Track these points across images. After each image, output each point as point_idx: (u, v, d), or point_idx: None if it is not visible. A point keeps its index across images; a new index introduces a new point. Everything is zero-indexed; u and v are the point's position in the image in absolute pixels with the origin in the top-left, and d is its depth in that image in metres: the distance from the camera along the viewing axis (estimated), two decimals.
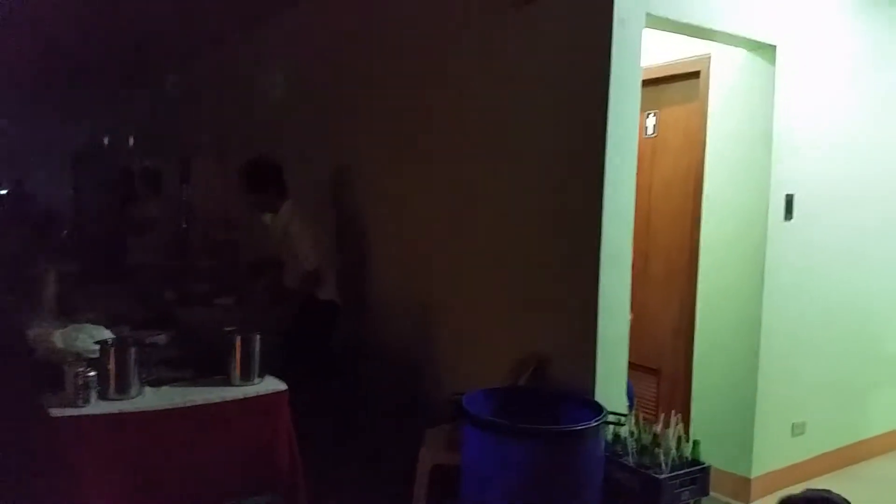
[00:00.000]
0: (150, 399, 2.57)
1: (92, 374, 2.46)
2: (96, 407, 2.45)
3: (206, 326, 3.72)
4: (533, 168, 3.17)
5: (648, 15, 2.83)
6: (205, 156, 6.84)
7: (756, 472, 3.52)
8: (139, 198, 6.25)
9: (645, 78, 2.98)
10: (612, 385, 2.93)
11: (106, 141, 10.83)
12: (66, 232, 7.45)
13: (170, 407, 2.54)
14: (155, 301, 4.40)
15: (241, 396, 2.68)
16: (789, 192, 3.50)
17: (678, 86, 3.86)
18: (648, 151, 3.97)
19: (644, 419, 2.91)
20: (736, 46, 3.42)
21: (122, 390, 2.53)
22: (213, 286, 4.72)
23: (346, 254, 4.49)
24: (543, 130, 3.12)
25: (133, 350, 2.58)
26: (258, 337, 2.78)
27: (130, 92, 9.05)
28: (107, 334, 2.84)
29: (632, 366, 3.13)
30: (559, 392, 2.85)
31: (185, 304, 4.44)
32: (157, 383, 2.70)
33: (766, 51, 3.37)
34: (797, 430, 3.69)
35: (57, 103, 10.83)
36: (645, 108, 3.46)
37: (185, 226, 6.23)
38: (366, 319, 4.27)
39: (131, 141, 9.47)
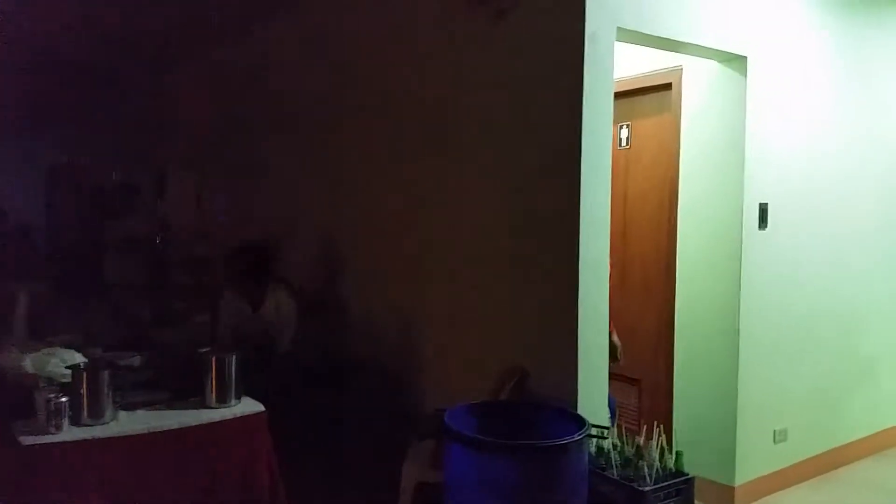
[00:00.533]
0: (125, 424, 2.53)
1: (64, 399, 2.41)
2: (69, 433, 2.40)
3: (181, 346, 3.67)
4: (510, 181, 3.17)
5: (619, 29, 2.85)
6: (181, 170, 6.76)
7: (739, 479, 3.53)
8: (114, 213, 6.17)
9: (617, 90, 3.00)
10: (594, 397, 2.93)
11: (80, 154, 10.66)
12: (38, 248, 7.31)
13: (145, 432, 2.50)
14: (129, 320, 4.34)
15: (218, 419, 2.64)
16: (763, 202, 3.53)
17: (651, 97, 3.89)
18: (622, 163, 4.00)
19: (627, 430, 2.91)
20: (707, 58, 3.46)
21: (96, 415, 2.48)
22: (190, 304, 4.67)
23: (325, 267, 4.45)
24: (519, 143, 3.12)
25: (106, 374, 2.54)
26: (234, 357, 2.74)
27: (106, 104, 8.93)
28: (79, 358, 2.79)
29: (612, 376, 3.13)
30: (541, 405, 2.84)
31: (161, 323, 4.39)
32: (131, 407, 2.65)
33: (737, 62, 3.41)
34: (779, 436, 3.71)
35: (29, 115, 10.66)
36: (618, 120, 3.48)
37: (160, 242, 6.13)
38: (347, 333, 4.23)
39: (106, 155, 9.32)
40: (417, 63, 3.73)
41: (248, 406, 2.73)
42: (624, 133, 4.05)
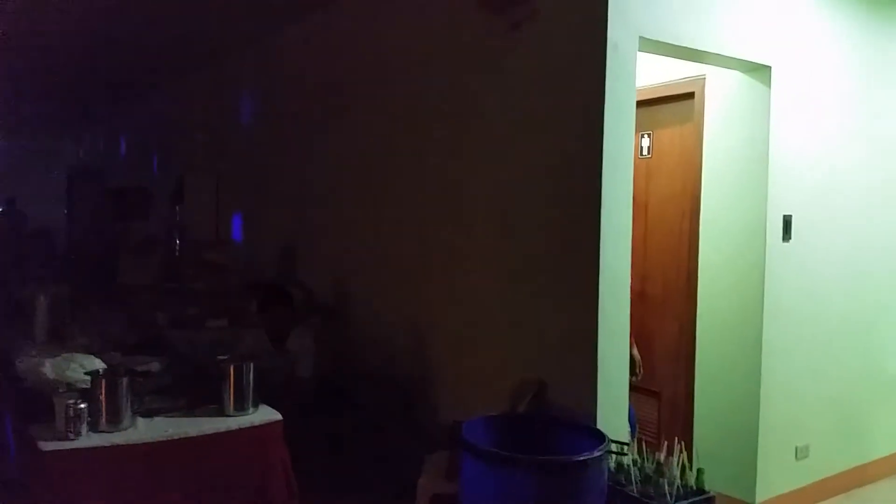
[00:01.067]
0: (143, 431, 2.52)
1: (83, 405, 2.41)
2: (87, 440, 2.40)
3: (199, 352, 3.68)
4: (530, 189, 3.15)
5: (642, 38, 2.82)
6: (200, 175, 6.81)
7: (760, 496, 3.47)
8: (132, 218, 6.21)
9: (639, 99, 2.97)
10: (614, 411, 2.89)
11: (101, 159, 10.79)
12: (57, 252, 7.38)
13: (163, 439, 2.49)
14: (147, 324, 4.36)
15: (236, 427, 2.62)
16: (787, 213, 3.48)
17: (673, 107, 3.85)
18: (643, 172, 3.96)
19: (647, 444, 2.87)
20: (731, 68, 3.41)
21: (114, 422, 2.48)
22: (206, 308, 4.68)
23: (340, 278, 4.46)
24: (540, 151, 3.10)
25: (124, 381, 2.54)
26: (251, 365, 2.73)
27: (126, 109, 9.03)
28: (98, 364, 2.79)
29: (633, 388, 3.10)
30: (560, 419, 2.81)
31: (178, 327, 4.40)
32: (149, 414, 2.65)
33: (761, 72, 3.37)
34: (801, 453, 3.65)
35: (51, 120, 10.79)
36: (639, 129, 3.44)
37: (178, 247, 6.17)
38: (363, 345, 4.23)
39: (126, 159, 9.42)
40: (438, 72, 3.72)
41: (265, 414, 2.72)
42: (645, 142, 4.01)
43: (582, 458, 2.39)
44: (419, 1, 3.85)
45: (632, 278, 3.00)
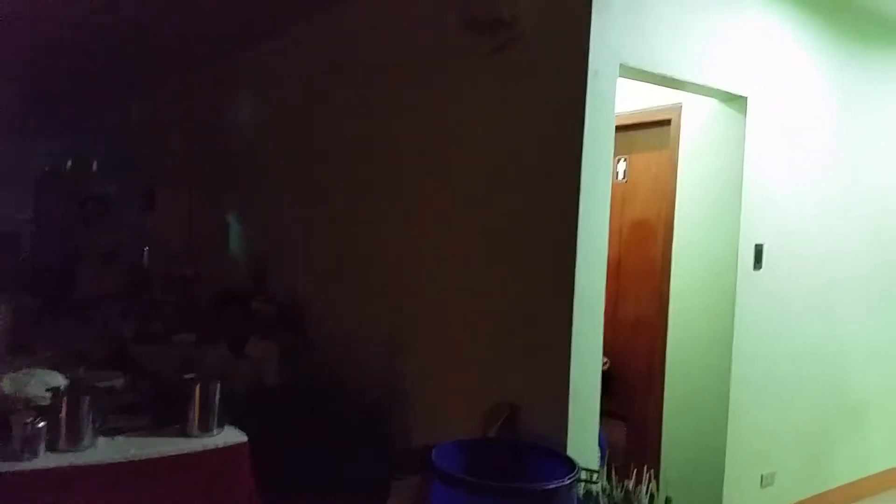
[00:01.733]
0: (103, 451, 2.45)
1: (41, 424, 2.33)
2: (45, 460, 2.32)
3: (165, 368, 3.60)
4: (506, 210, 3.14)
5: (622, 66, 2.84)
6: (171, 185, 6.71)
7: None
8: (99, 227, 6.09)
9: (616, 124, 2.98)
10: (584, 436, 2.88)
11: (69, 165, 10.55)
12: (20, 261, 7.20)
13: (124, 460, 2.42)
14: (112, 338, 4.26)
15: (200, 448, 2.57)
16: (759, 242, 3.52)
17: (649, 132, 3.88)
18: (619, 196, 3.97)
19: (616, 469, 2.86)
20: (708, 96, 3.46)
21: (74, 441, 2.41)
22: (173, 322, 4.60)
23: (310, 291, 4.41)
24: (517, 175, 3.10)
25: (87, 399, 2.46)
26: (218, 385, 2.67)
27: (97, 115, 8.88)
28: (60, 380, 2.71)
29: (603, 412, 3.08)
30: (531, 444, 2.79)
31: (143, 342, 4.31)
32: (111, 433, 2.57)
33: (737, 101, 3.41)
34: (766, 480, 3.67)
35: (19, 124, 10.56)
36: (615, 154, 3.46)
37: (146, 258, 6.06)
38: (331, 367, 4.17)
39: (95, 166, 9.24)
40: (418, 91, 3.71)
41: (231, 436, 2.66)
42: (621, 167, 4.04)
43: (552, 487, 2.37)
44: (402, 20, 3.83)
45: (605, 302, 3.01)
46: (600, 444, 3.14)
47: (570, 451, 2.77)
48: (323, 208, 4.54)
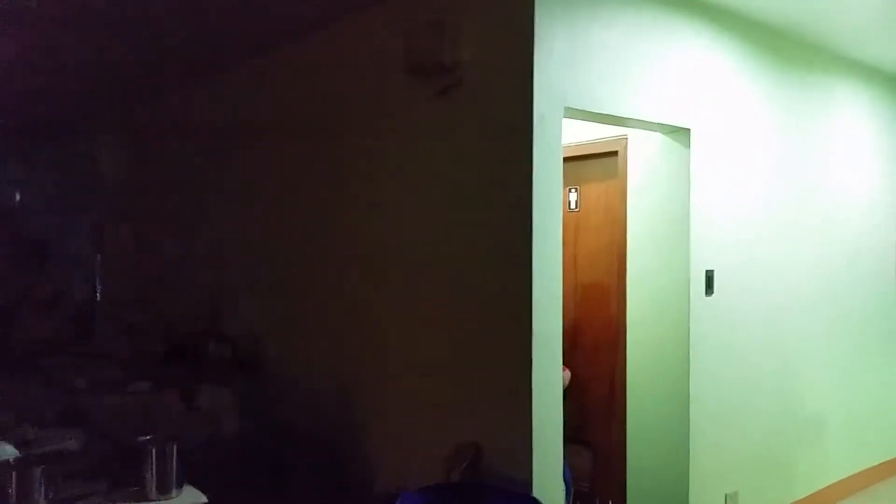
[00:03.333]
0: None
1: None
2: None
3: (119, 423, 3.51)
4: (460, 250, 3.15)
5: (566, 108, 2.89)
6: (120, 223, 6.56)
7: None
8: (43, 271, 5.92)
9: (565, 155, 3.02)
10: (549, 474, 2.89)
11: (14, 201, 10.21)
12: None
13: None
14: (63, 391, 4.13)
15: None
16: (709, 268, 3.59)
17: (598, 162, 3.95)
18: (572, 226, 4.04)
19: (581, 495, 2.87)
20: (652, 130, 3.53)
21: None
22: (126, 371, 4.48)
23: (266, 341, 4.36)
24: (469, 213, 3.12)
25: (38, 470, 2.38)
26: (174, 446, 2.61)
27: (41, 149, 8.62)
28: (9, 451, 2.61)
29: (567, 439, 3.10)
30: (496, 487, 2.79)
31: (97, 392, 4.19)
32: (65, 502, 2.49)
33: (680, 134, 3.49)
34: (730, 500, 3.73)
35: None
36: (566, 184, 3.52)
37: (96, 303, 5.90)
38: (290, 409, 4.12)
39: (39, 203, 8.97)
40: (369, 135, 3.71)
41: (190, 497, 2.60)
42: (573, 196, 4.10)
43: None
44: (349, 62, 3.84)
45: (563, 330, 3.03)
46: (565, 479, 3.16)
47: (536, 491, 2.78)
48: (277, 247, 4.49)
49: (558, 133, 2.87)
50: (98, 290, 6.00)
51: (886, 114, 4.97)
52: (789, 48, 4.08)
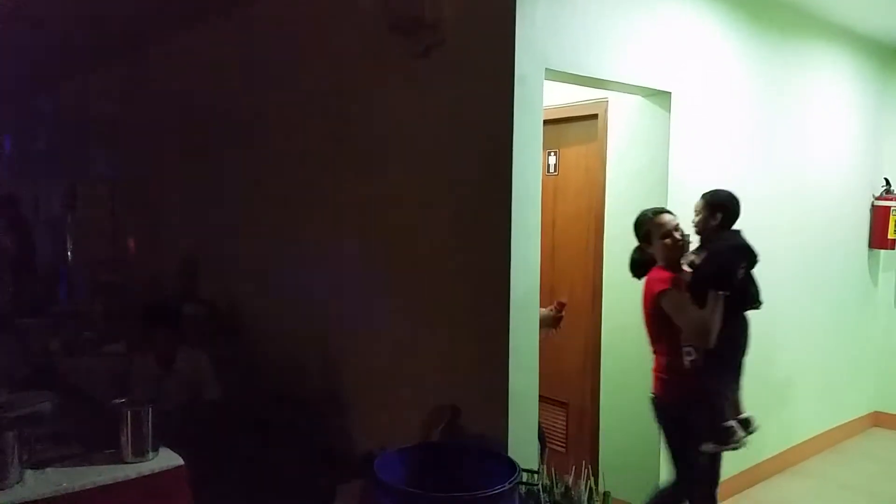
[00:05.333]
0: (33, 486, 2.35)
1: None
2: None
3: (95, 385, 3.49)
4: (440, 212, 3.14)
5: (547, 70, 2.86)
6: (94, 179, 6.42)
7: None
8: (15, 229, 5.81)
9: (545, 118, 3.00)
10: (524, 435, 2.93)
11: None
12: None
13: (55, 494, 2.33)
14: (38, 353, 4.09)
15: (135, 475, 2.49)
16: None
17: (578, 126, 3.93)
18: (551, 189, 4.02)
19: (555, 454, 2.91)
20: (632, 94, 3.51)
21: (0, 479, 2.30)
22: (101, 332, 4.44)
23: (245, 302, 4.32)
24: (449, 175, 3.10)
25: (11, 434, 2.36)
26: (150, 408, 2.60)
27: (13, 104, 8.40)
28: None
29: (541, 398, 3.14)
30: (472, 448, 2.82)
31: (71, 355, 4.16)
32: (39, 465, 2.48)
33: (661, 97, 3.48)
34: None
35: None
36: (546, 147, 3.49)
37: (68, 262, 5.81)
38: (270, 372, 4.11)
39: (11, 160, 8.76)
40: (346, 94, 3.64)
41: (167, 459, 2.59)
42: (552, 160, 4.08)
43: (495, 492, 2.40)
44: (326, 21, 3.75)
45: (540, 293, 3.04)
46: (540, 439, 3.21)
47: (511, 451, 2.82)
48: (258, 206, 4.44)
49: (539, 95, 2.85)
50: (69, 251, 5.90)
51: (865, 78, 4.99)
52: (770, 12, 4.06)
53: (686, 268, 3.18)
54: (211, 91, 4.80)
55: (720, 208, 3.15)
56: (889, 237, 5.13)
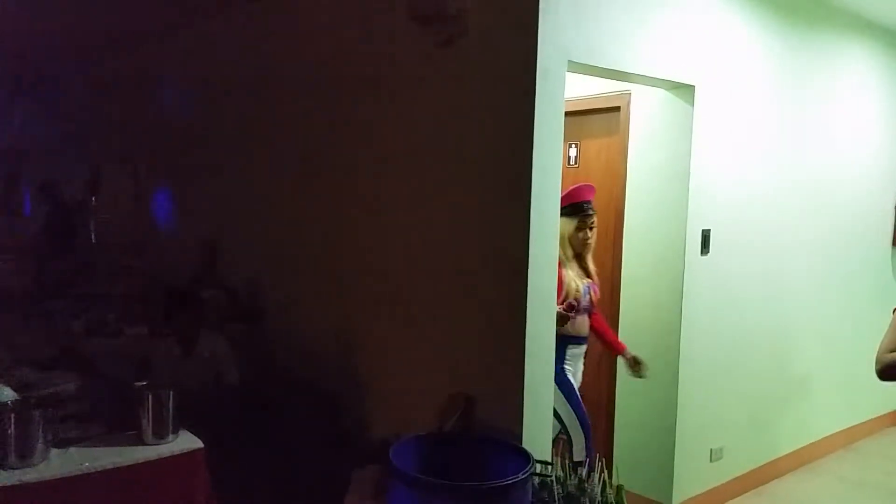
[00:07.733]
0: (56, 465, 2.41)
1: None
2: None
3: (117, 367, 3.55)
4: (460, 202, 3.14)
5: (570, 62, 2.84)
6: (118, 166, 6.49)
7: (676, 499, 3.61)
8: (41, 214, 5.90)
9: (567, 110, 2.98)
10: (539, 426, 2.94)
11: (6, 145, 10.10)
12: None
13: (77, 473, 2.39)
14: (62, 334, 4.17)
15: (155, 457, 2.54)
16: (706, 228, 3.59)
17: (599, 118, 3.91)
18: (570, 181, 3.99)
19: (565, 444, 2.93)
20: (655, 87, 3.48)
21: (25, 457, 2.36)
22: (124, 315, 4.51)
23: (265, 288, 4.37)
24: (469, 166, 3.09)
25: (37, 413, 2.42)
26: (171, 392, 2.65)
27: (38, 91, 8.50)
28: (8, 394, 2.65)
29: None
30: (487, 438, 2.84)
31: (94, 336, 4.23)
32: (63, 444, 2.53)
33: (684, 90, 3.45)
34: (715, 455, 3.81)
35: None
36: (566, 139, 3.48)
37: (93, 245, 5.89)
38: (288, 359, 4.16)
39: (37, 148, 8.87)
40: (368, 83, 3.65)
41: (186, 442, 2.65)
42: (573, 152, 4.06)
43: (508, 482, 2.42)
44: (349, 11, 3.75)
45: (558, 284, 3.04)
46: (584, 427, 3.25)
47: (525, 442, 2.84)
48: (278, 194, 4.47)
49: (561, 87, 2.83)
50: (93, 234, 5.97)
51: (893, 73, 4.91)
52: (797, 4, 4.00)
53: None
54: (236, 75, 4.83)
55: None
56: None
